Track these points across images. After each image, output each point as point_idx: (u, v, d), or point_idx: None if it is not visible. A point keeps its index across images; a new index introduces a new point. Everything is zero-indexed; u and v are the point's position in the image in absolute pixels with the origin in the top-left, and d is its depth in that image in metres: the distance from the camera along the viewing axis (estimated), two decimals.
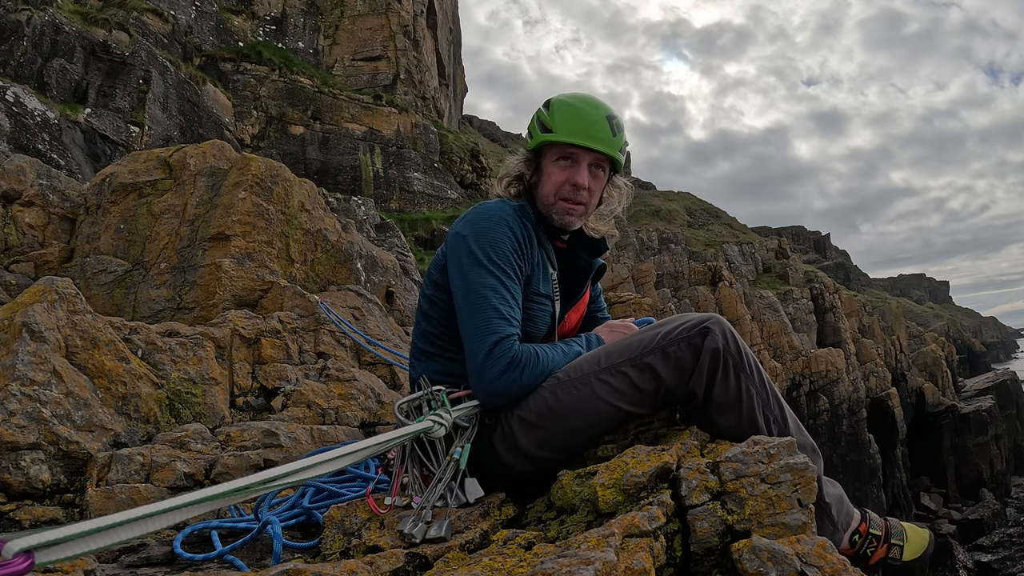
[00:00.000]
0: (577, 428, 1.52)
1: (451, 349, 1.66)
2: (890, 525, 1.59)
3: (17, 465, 2.09)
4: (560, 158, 1.70)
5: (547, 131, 1.70)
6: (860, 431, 23.45)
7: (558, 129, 1.68)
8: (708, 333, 1.47)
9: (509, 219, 1.63)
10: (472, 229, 1.60)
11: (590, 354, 1.56)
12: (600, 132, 1.68)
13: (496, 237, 1.58)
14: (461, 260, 1.58)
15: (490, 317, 1.50)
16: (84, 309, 2.63)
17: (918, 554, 1.56)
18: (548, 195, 1.72)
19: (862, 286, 72.38)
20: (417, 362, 1.73)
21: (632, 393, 1.50)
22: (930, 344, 35.31)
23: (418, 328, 1.75)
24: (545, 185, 1.72)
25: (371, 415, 3.35)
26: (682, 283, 23.65)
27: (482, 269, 1.54)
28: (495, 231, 1.59)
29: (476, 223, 1.62)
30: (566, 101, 1.73)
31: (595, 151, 1.68)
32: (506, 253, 1.57)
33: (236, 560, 1.65)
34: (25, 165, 4.93)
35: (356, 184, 20.41)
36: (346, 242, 5.29)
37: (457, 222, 1.68)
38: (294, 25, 23.25)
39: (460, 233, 1.62)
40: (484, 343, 1.49)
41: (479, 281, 1.54)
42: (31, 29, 12.64)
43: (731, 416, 1.49)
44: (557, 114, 1.70)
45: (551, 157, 1.72)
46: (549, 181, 1.71)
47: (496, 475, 1.55)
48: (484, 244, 1.57)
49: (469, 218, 1.66)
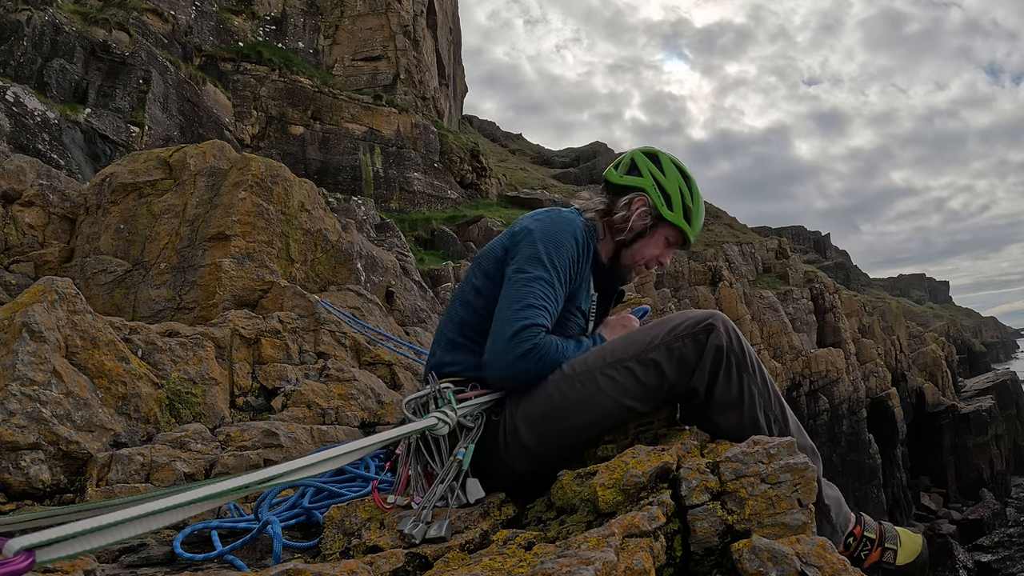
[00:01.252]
0: (580, 424, 1.53)
1: (482, 342, 1.66)
2: (884, 529, 1.60)
3: (17, 465, 2.09)
4: (671, 239, 1.86)
5: (687, 221, 1.83)
6: (860, 431, 23.45)
7: (693, 227, 1.85)
8: (712, 330, 1.48)
9: (577, 232, 1.70)
10: (541, 229, 1.68)
11: (596, 350, 1.57)
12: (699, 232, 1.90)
13: (560, 242, 1.66)
14: (523, 252, 1.64)
15: (529, 304, 1.56)
16: (84, 309, 2.63)
17: (911, 559, 1.57)
18: (644, 256, 1.85)
19: (862, 286, 72.38)
20: (441, 350, 1.72)
21: (636, 388, 1.50)
22: (930, 344, 35.30)
23: (455, 317, 1.74)
24: (647, 249, 1.84)
25: (371, 415, 3.35)
26: (682, 283, 23.64)
27: (539, 265, 1.61)
28: (561, 238, 1.67)
29: (547, 225, 1.70)
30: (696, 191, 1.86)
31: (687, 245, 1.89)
32: (564, 259, 1.65)
33: (236, 560, 1.65)
34: (25, 165, 4.93)
35: (356, 184, 20.40)
36: (346, 242, 5.29)
37: (527, 218, 1.75)
38: (294, 25, 23.24)
39: (529, 228, 1.69)
40: (514, 324, 1.54)
41: (532, 273, 1.60)
42: (31, 29, 12.64)
43: (732, 415, 1.49)
44: (696, 209, 1.85)
45: (666, 232, 1.84)
46: (652, 249, 1.85)
47: (497, 475, 1.56)
48: (548, 245, 1.64)
49: (542, 218, 1.73)
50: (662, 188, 1.81)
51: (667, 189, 1.81)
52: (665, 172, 1.82)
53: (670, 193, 1.81)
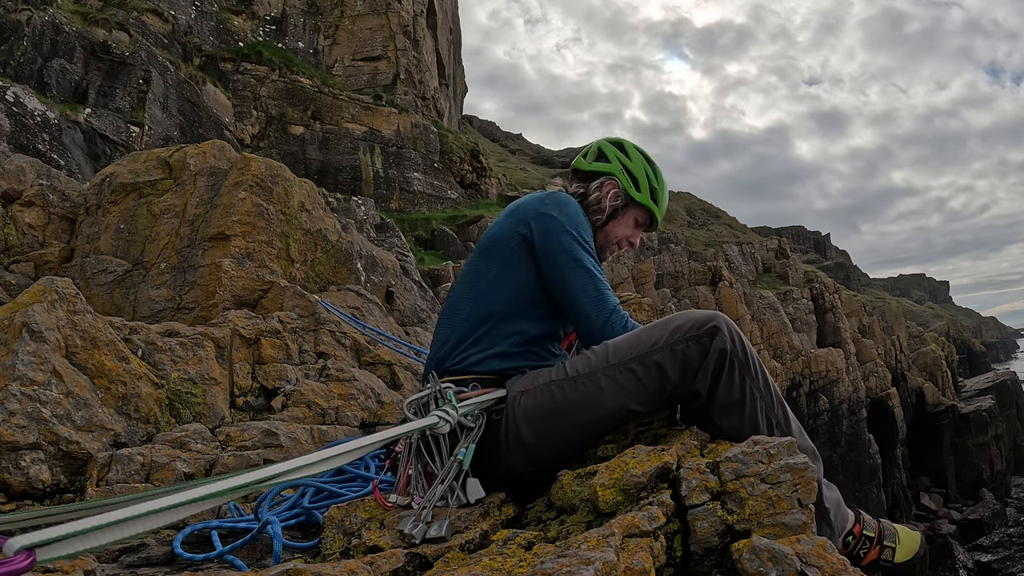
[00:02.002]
0: (581, 424, 1.53)
1: (490, 333, 1.66)
2: (883, 527, 1.60)
3: (17, 465, 2.10)
4: (640, 220, 1.96)
5: (654, 201, 1.95)
6: (860, 431, 23.45)
7: (660, 207, 1.96)
8: (717, 332, 1.48)
9: (582, 213, 1.80)
10: (561, 211, 1.73)
11: (598, 350, 1.57)
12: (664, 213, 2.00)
13: (583, 221, 1.76)
14: (562, 239, 1.69)
15: (601, 288, 1.67)
16: (84, 309, 2.63)
17: (909, 556, 1.57)
18: (614, 236, 1.94)
19: (862, 286, 72.37)
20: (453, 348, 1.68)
21: (638, 390, 1.50)
22: (930, 344, 35.29)
23: (460, 310, 1.72)
24: (619, 229, 1.94)
25: (371, 415, 3.35)
26: (682, 283, 23.65)
27: (579, 247, 1.69)
28: (580, 218, 1.76)
29: (563, 206, 1.75)
30: (663, 180, 1.97)
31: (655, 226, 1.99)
32: (589, 237, 1.75)
33: (236, 560, 1.65)
34: (25, 165, 4.93)
35: (356, 184, 20.41)
36: (346, 242, 5.29)
37: (536, 203, 1.77)
38: (294, 25, 23.25)
39: (550, 214, 1.73)
40: (604, 308, 1.65)
41: (582, 257, 1.68)
42: (31, 29, 12.64)
43: (733, 418, 1.49)
44: (662, 191, 1.96)
45: (636, 213, 1.95)
46: (624, 229, 1.94)
47: (498, 475, 1.56)
48: (577, 226, 1.72)
49: (553, 200, 1.77)
50: (629, 172, 1.92)
51: (634, 172, 1.92)
52: (631, 157, 1.93)
53: (637, 176, 1.92)
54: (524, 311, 1.69)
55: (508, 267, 1.72)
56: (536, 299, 1.70)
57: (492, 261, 1.75)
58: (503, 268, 1.72)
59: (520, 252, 1.71)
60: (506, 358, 1.66)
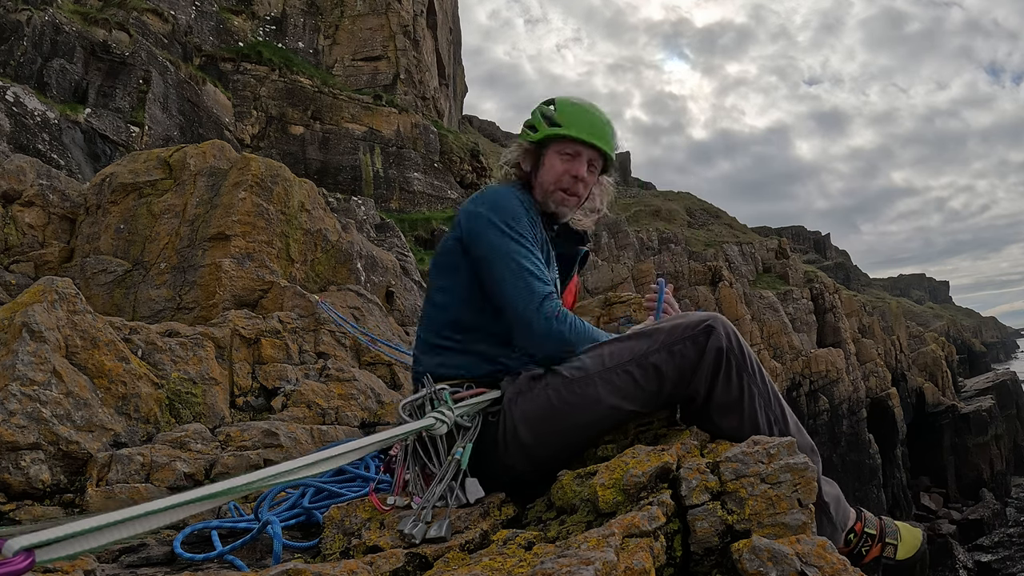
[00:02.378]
0: (580, 425, 1.53)
1: (462, 339, 1.67)
2: (884, 524, 1.60)
3: (17, 465, 2.09)
4: (564, 152, 1.80)
5: (555, 125, 1.79)
6: (860, 431, 23.44)
7: (567, 125, 1.78)
8: (712, 332, 1.47)
9: (520, 197, 1.72)
10: (488, 205, 1.68)
11: (594, 353, 1.56)
12: (603, 132, 1.82)
13: (513, 209, 1.67)
14: (486, 234, 1.63)
15: (528, 279, 1.58)
16: (84, 309, 2.63)
17: (911, 553, 1.57)
18: (548, 183, 1.81)
19: (862, 286, 72.37)
20: (423, 356, 1.73)
21: (635, 392, 1.50)
22: (930, 344, 35.29)
23: (427, 321, 1.76)
24: (547, 175, 1.81)
25: (371, 415, 3.35)
26: (682, 283, 23.64)
27: (508, 239, 1.62)
28: (511, 205, 1.68)
29: (491, 200, 1.70)
30: (572, 101, 1.85)
31: (596, 148, 1.81)
32: (525, 225, 1.66)
33: (236, 560, 1.65)
34: (25, 165, 4.93)
35: (356, 184, 20.40)
36: (346, 242, 5.29)
37: (469, 203, 1.74)
38: (294, 25, 23.25)
39: (477, 212, 1.68)
40: (531, 301, 1.56)
41: (509, 249, 1.61)
42: (31, 29, 12.64)
43: (733, 416, 1.49)
44: (565, 111, 1.81)
45: (555, 150, 1.81)
46: (552, 171, 1.80)
47: (497, 475, 1.55)
48: (505, 217, 1.64)
49: (483, 198, 1.72)
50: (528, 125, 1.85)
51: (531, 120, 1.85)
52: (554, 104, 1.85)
53: (533, 122, 1.85)
54: (481, 313, 1.67)
55: (453, 274, 1.71)
56: (483, 296, 1.67)
57: (440, 271, 1.76)
58: (448, 276, 1.72)
59: (460, 257, 1.70)
60: (485, 360, 1.66)
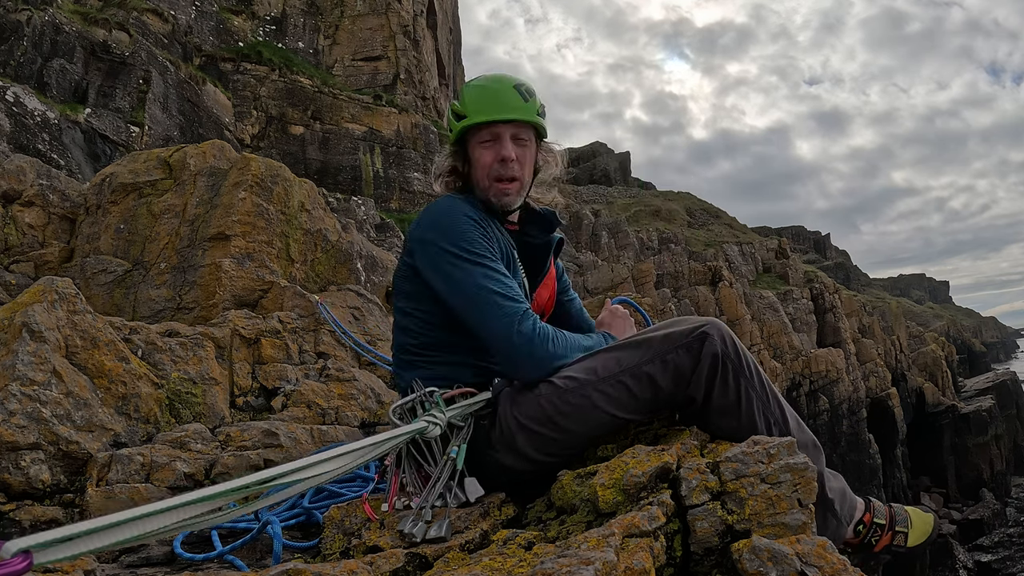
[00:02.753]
0: (577, 434, 1.52)
1: (432, 356, 1.66)
2: (894, 512, 1.59)
3: (17, 465, 2.09)
4: (483, 140, 1.71)
5: (461, 118, 1.71)
6: (860, 431, 23.44)
7: (470, 112, 1.70)
8: (706, 338, 1.46)
9: (466, 209, 1.63)
10: (437, 230, 1.60)
11: (586, 362, 1.53)
12: (510, 101, 1.69)
13: (462, 229, 1.58)
14: (439, 264, 1.56)
15: (499, 303, 1.51)
16: (84, 309, 2.63)
17: (922, 539, 1.56)
18: (482, 179, 1.72)
19: (862, 286, 72.37)
20: (402, 371, 1.73)
21: (630, 402, 1.49)
22: (930, 344, 35.27)
23: (396, 340, 1.75)
24: (477, 170, 1.73)
25: (371, 415, 3.35)
26: (682, 283, 23.64)
27: (466, 263, 1.54)
28: (459, 224, 1.59)
29: (437, 222, 1.61)
30: (471, 84, 1.76)
31: (511, 121, 1.69)
32: (478, 240, 1.57)
33: (236, 560, 1.65)
34: (25, 165, 4.93)
35: (356, 184, 20.41)
36: (346, 242, 5.29)
37: (415, 228, 1.66)
38: (294, 25, 23.25)
39: (424, 239, 1.61)
40: (506, 326, 1.49)
41: (469, 277, 1.53)
42: (31, 29, 12.64)
43: (731, 420, 1.48)
44: (466, 99, 1.72)
45: (475, 142, 1.72)
46: (479, 165, 1.72)
47: (496, 475, 1.55)
48: (456, 239, 1.56)
49: (427, 221, 1.65)
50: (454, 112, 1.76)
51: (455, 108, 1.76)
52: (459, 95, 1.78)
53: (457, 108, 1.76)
54: (450, 330, 1.64)
55: (413, 299, 1.68)
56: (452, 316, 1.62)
57: (400, 296, 1.73)
58: (409, 301, 1.69)
59: (417, 282, 1.66)
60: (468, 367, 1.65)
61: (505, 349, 1.51)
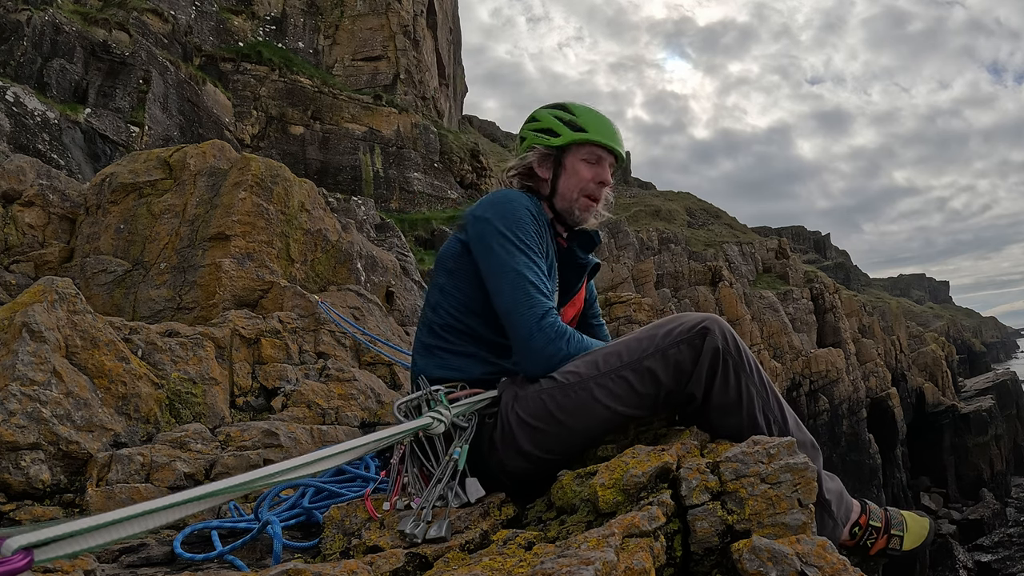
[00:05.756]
0: (577, 430, 1.52)
1: (451, 343, 1.66)
2: (890, 515, 1.59)
3: (17, 465, 2.09)
4: (586, 158, 1.78)
5: (579, 131, 1.77)
6: (860, 431, 23.45)
7: (592, 130, 1.77)
8: (708, 333, 1.46)
9: (528, 203, 1.68)
10: (496, 211, 1.65)
11: (588, 357, 1.55)
12: (619, 136, 1.82)
13: (520, 218, 1.63)
14: (490, 242, 1.61)
15: (531, 292, 1.55)
16: (84, 309, 2.63)
17: (918, 543, 1.56)
18: (572, 191, 1.78)
19: (862, 286, 72.39)
20: (419, 358, 1.72)
21: (631, 397, 1.49)
22: (930, 344, 35.28)
23: (425, 322, 1.74)
24: (571, 181, 1.78)
25: (371, 415, 3.35)
26: (682, 283, 23.65)
27: (513, 248, 1.59)
28: (517, 212, 1.64)
29: (498, 205, 1.66)
30: (588, 107, 1.83)
31: (615, 154, 1.81)
32: (531, 234, 1.63)
33: (236, 560, 1.65)
34: (25, 165, 4.94)
35: (356, 184, 20.41)
36: (346, 242, 5.29)
37: (476, 207, 1.71)
38: (294, 25, 23.25)
39: (484, 216, 1.65)
40: (531, 316, 1.53)
41: (512, 260, 1.58)
42: (31, 29, 12.64)
43: (732, 417, 1.48)
44: (585, 117, 1.79)
45: (577, 156, 1.79)
46: (575, 177, 1.78)
47: (497, 475, 1.55)
48: (511, 225, 1.61)
49: (490, 201, 1.69)
50: (540, 129, 1.82)
51: (545, 125, 1.81)
52: (537, 118, 1.84)
53: (548, 126, 1.81)
54: (479, 318, 1.65)
55: (454, 276, 1.69)
56: (488, 305, 1.64)
57: (441, 272, 1.74)
58: (450, 278, 1.71)
59: (463, 260, 1.68)
60: (484, 361, 1.65)
61: (523, 337, 1.54)
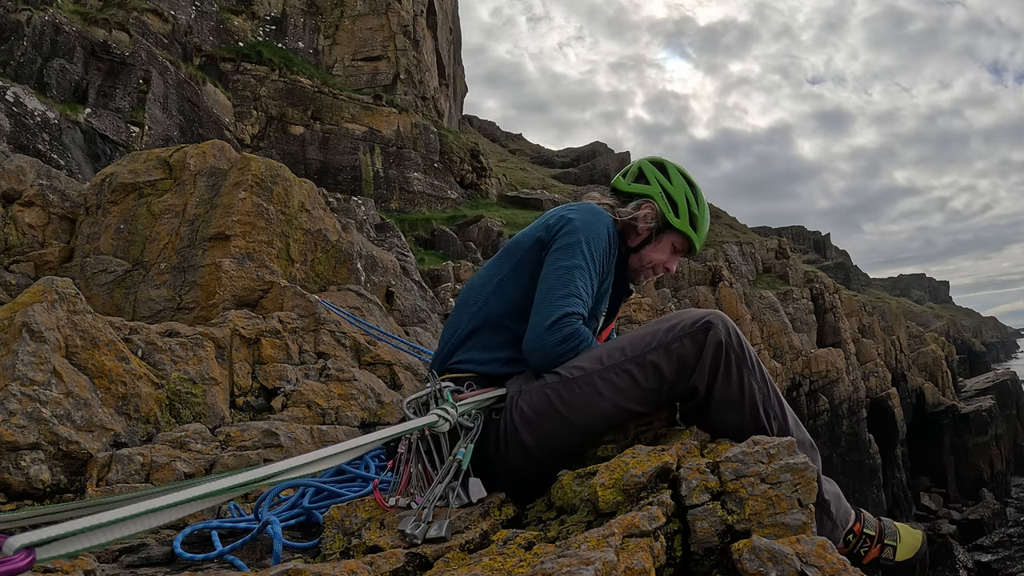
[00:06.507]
0: (580, 425, 1.52)
1: (483, 335, 1.67)
2: (884, 525, 1.60)
3: (17, 465, 2.09)
4: (679, 246, 1.91)
5: (692, 227, 1.88)
6: (860, 431, 23.44)
7: (699, 234, 1.89)
8: (711, 328, 1.48)
9: (610, 226, 1.76)
10: (580, 219, 1.71)
11: (592, 353, 1.56)
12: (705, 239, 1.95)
13: (599, 234, 1.70)
14: (564, 240, 1.67)
15: (570, 292, 1.59)
16: (84, 309, 2.63)
17: (910, 555, 1.57)
18: (648, 261, 1.89)
19: (862, 286, 72.39)
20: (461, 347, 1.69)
21: (635, 391, 1.50)
22: (930, 344, 35.27)
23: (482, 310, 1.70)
24: (653, 254, 1.89)
25: (371, 415, 3.35)
26: (682, 283, 23.64)
27: (579, 254, 1.64)
28: (601, 232, 1.71)
29: (586, 215, 1.73)
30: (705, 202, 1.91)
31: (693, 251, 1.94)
32: (600, 251, 1.70)
33: (236, 560, 1.65)
34: (25, 165, 4.94)
35: (356, 184, 20.42)
36: (346, 242, 5.29)
37: (566, 210, 1.77)
38: (294, 25, 23.25)
39: (569, 218, 1.71)
40: (556, 310, 1.57)
41: (572, 261, 1.63)
42: (31, 29, 12.64)
43: (733, 412, 1.49)
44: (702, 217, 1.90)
45: (674, 239, 1.89)
46: (661, 255, 1.89)
47: (498, 475, 1.56)
48: (589, 235, 1.68)
49: (581, 209, 1.76)
50: (669, 195, 1.86)
51: (673, 196, 1.86)
52: (672, 180, 1.88)
53: (676, 200, 1.86)
54: (516, 317, 1.66)
55: (517, 270, 1.71)
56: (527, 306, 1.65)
57: (505, 263, 1.76)
58: (513, 270, 1.72)
59: (532, 255, 1.70)
60: (508, 362, 1.65)
61: (543, 325, 1.56)
